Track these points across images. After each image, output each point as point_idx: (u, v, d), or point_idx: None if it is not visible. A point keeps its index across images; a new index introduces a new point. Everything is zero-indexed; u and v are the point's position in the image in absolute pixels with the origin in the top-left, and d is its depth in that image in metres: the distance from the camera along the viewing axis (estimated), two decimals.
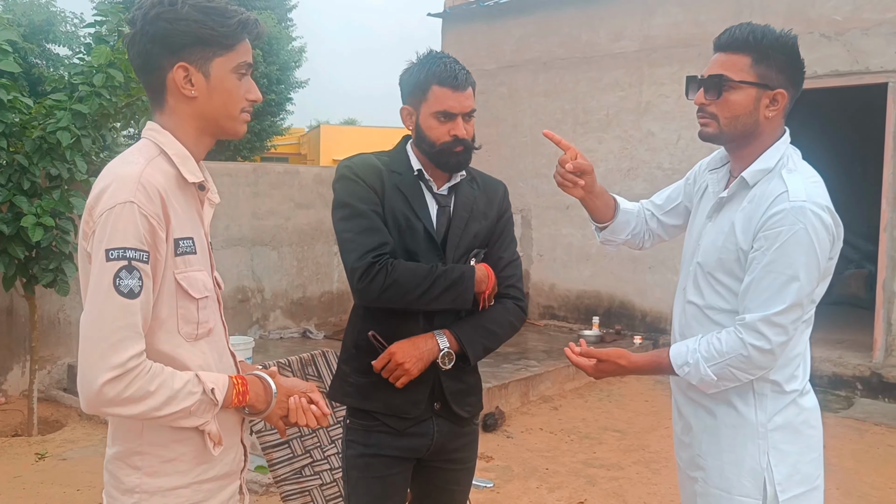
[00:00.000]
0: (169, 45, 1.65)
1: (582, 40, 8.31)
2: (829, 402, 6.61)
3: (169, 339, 1.64)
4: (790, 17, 6.95)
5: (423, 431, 2.30)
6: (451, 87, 2.21)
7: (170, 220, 1.61)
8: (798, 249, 1.88)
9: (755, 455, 2.01)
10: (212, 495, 1.73)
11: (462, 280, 2.19)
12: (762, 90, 1.98)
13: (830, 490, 4.68)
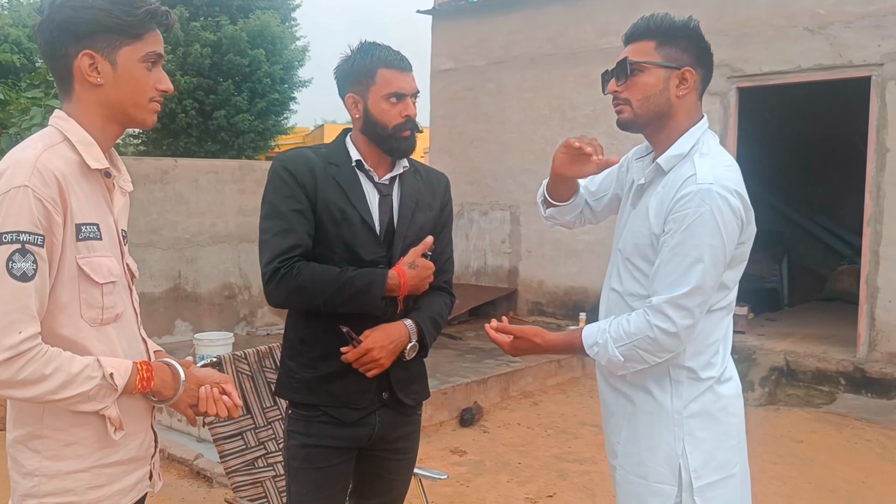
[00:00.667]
0: (74, 32, 1.66)
1: (569, 36, 8.31)
2: (812, 397, 6.60)
3: (71, 323, 1.65)
4: (773, 11, 6.95)
5: (365, 421, 2.31)
6: (399, 69, 2.23)
7: (68, 204, 1.62)
8: (703, 231, 1.88)
9: (671, 441, 2.01)
10: (114, 479, 1.74)
11: (370, 287, 2.17)
12: (670, 70, 2.02)
13: (802, 484, 4.69)
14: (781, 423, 5.94)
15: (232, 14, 16.80)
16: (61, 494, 1.67)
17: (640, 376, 2.05)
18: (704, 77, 2.08)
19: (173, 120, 15.76)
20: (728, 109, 7.28)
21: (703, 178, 1.91)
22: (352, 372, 2.22)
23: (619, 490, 2.15)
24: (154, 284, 7.24)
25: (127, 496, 1.78)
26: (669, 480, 2.01)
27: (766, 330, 8.00)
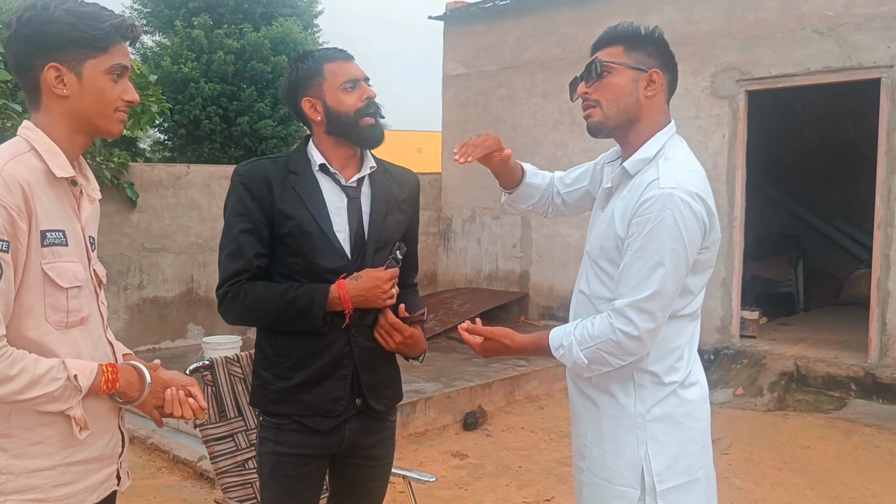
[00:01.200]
0: (41, 46, 1.72)
1: (578, 40, 8.27)
2: (822, 402, 6.53)
3: (37, 326, 1.70)
4: (783, 13, 6.90)
5: (337, 430, 2.30)
6: (343, 59, 2.25)
7: (33, 211, 1.67)
8: (665, 235, 1.89)
9: (634, 445, 2.02)
10: (80, 478, 1.78)
11: (311, 307, 2.16)
12: (639, 71, 2.03)
13: (805, 491, 4.65)
14: (789, 428, 5.88)
15: (255, 21, 16.95)
16: (27, 492, 1.71)
17: (604, 380, 2.06)
18: (671, 82, 2.10)
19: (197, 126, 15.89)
20: (737, 113, 7.22)
21: (666, 182, 1.93)
22: (325, 381, 2.24)
23: (586, 492, 2.15)
24: (167, 289, 7.36)
25: (93, 494, 1.82)
26: (632, 484, 2.02)
27: (777, 335, 7.93)
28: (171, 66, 15.46)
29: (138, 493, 4.46)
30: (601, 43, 2.12)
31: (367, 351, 2.28)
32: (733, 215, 7.40)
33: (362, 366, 2.28)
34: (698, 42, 7.42)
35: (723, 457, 5.24)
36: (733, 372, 6.91)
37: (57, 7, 1.71)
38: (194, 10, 16.51)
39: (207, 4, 16.60)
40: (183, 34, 15.86)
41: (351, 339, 2.26)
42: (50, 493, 1.73)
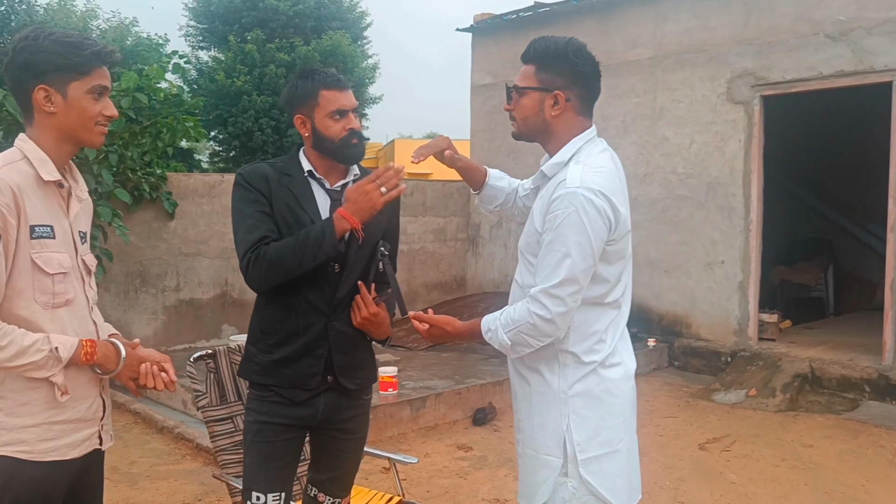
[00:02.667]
0: (32, 71, 2.01)
1: (599, 49, 8.31)
2: (834, 404, 6.56)
3: (26, 305, 1.99)
4: (796, 19, 6.98)
5: (311, 402, 2.54)
6: (338, 89, 2.46)
7: (22, 210, 1.95)
8: (570, 230, 2.09)
9: (557, 418, 2.22)
10: (63, 435, 2.06)
11: (324, 234, 2.36)
12: (544, 93, 2.25)
13: (798, 486, 4.75)
14: (796, 428, 5.94)
15: (306, 35, 17.42)
16: (17, 444, 2.00)
17: (534, 360, 2.27)
18: (581, 94, 2.29)
19: (250, 138, 16.41)
20: (752, 118, 7.31)
21: (572, 182, 2.13)
22: (303, 358, 2.49)
23: (520, 462, 2.37)
24: (203, 291, 7.78)
25: (74, 450, 2.09)
26: (556, 453, 2.22)
27: (799, 338, 7.94)
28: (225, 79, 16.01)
29: (163, 477, 4.82)
30: (523, 57, 2.35)
31: (341, 335, 2.52)
32: (749, 219, 7.47)
33: (336, 347, 2.52)
34: (714, 49, 7.54)
35: (722, 453, 5.36)
36: (748, 374, 6.99)
37: (46, 38, 2.01)
38: (247, 26, 17.12)
39: (260, 20, 17.20)
40: (236, 49, 16.44)
41: (328, 324, 2.50)
42: (35, 447, 2.02)
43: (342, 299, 2.51)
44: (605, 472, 2.23)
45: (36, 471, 2.03)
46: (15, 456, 2.00)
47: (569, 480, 2.21)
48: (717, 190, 7.64)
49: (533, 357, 2.27)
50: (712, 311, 7.77)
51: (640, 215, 8.28)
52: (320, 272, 2.46)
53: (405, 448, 5.37)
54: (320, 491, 2.71)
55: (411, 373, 6.55)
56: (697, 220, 7.84)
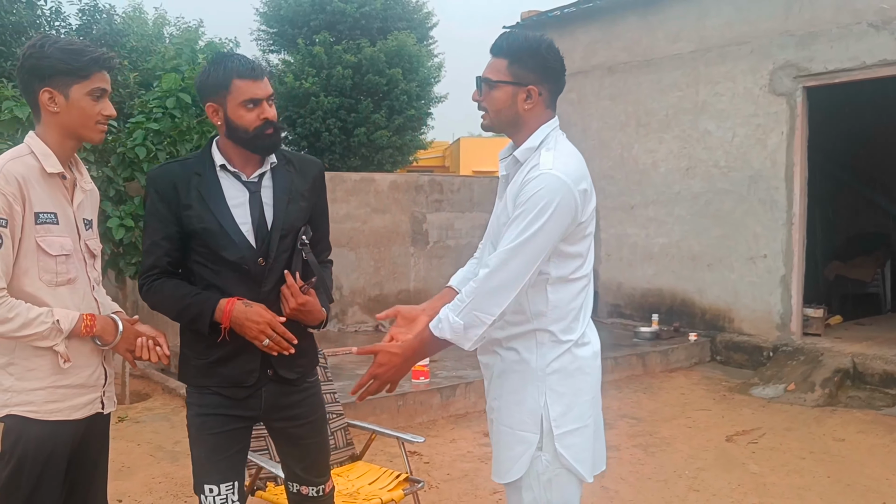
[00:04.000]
0: (38, 75, 2.25)
1: (643, 44, 8.48)
2: (874, 399, 6.45)
3: (31, 283, 2.24)
4: (838, 9, 6.87)
5: (253, 396, 2.49)
6: (251, 78, 2.38)
7: (26, 198, 2.19)
8: (539, 204, 2.16)
9: (535, 396, 2.29)
10: (66, 398, 2.30)
11: (200, 317, 2.37)
12: (517, 87, 2.30)
13: (821, 478, 4.74)
14: (831, 423, 5.88)
15: (372, 36, 17.54)
16: (26, 405, 2.26)
17: (510, 340, 2.34)
18: (551, 89, 2.36)
19: (318, 138, 16.74)
20: (795, 109, 7.21)
21: (545, 165, 2.21)
22: (239, 355, 2.44)
23: (494, 440, 2.43)
24: None
25: (77, 412, 2.33)
26: (532, 429, 2.29)
27: (846, 334, 7.79)
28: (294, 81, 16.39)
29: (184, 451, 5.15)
30: (492, 51, 2.38)
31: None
32: (792, 212, 7.37)
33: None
34: (756, 41, 7.47)
35: (748, 445, 5.36)
36: (788, 368, 6.91)
37: (50, 46, 2.25)
38: (315, 29, 17.45)
39: (328, 22, 17.52)
40: (305, 51, 16.81)
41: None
42: (41, 407, 2.27)
43: (269, 292, 2.45)
44: (576, 446, 2.30)
45: (42, 429, 2.27)
46: (24, 415, 2.25)
47: (543, 454, 2.29)
48: (760, 183, 7.56)
49: (509, 337, 2.33)
50: (754, 306, 7.69)
51: (682, 209, 8.27)
52: (243, 268, 2.43)
53: (433, 433, 5.56)
54: (301, 484, 2.70)
55: (446, 363, 6.74)
56: (740, 213, 7.77)
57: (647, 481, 4.67)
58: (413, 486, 3.58)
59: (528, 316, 2.31)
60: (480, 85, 2.38)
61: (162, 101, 6.19)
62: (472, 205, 9.92)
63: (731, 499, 4.41)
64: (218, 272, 2.43)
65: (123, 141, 6.18)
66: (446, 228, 9.67)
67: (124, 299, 6.44)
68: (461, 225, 9.79)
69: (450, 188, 9.76)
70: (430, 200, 9.58)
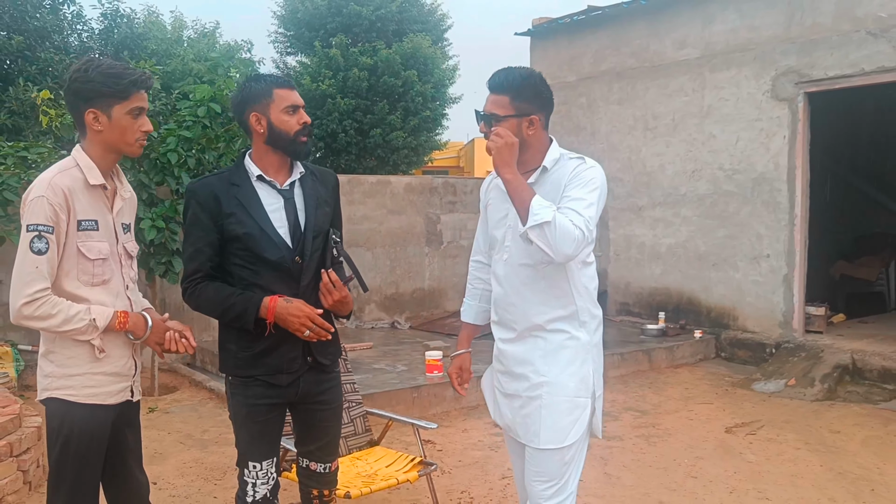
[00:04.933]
0: (83, 97, 2.47)
1: (650, 50, 8.76)
2: (872, 394, 6.69)
3: (71, 283, 2.48)
4: (838, 17, 7.12)
5: (294, 382, 2.77)
6: (289, 87, 2.71)
7: (71, 208, 2.43)
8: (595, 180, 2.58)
9: (586, 366, 2.71)
10: (101, 385, 2.54)
11: (245, 314, 2.63)
12: (521, 118, 2.64)
13: (814, 467, 5.01)
14: (828, 416, 6.13)
15: (388, 38, 17.62)
16: (66, 389, 2.50)
17: (553, 322, 2.69)
18: (547, 114, 2.72)
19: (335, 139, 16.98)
20: (796, 114, 7.47)
21: (590, 161, 2.66)
22: (282, 345, 2.70)
23: (543, 413, 2.69)
24: None
25: (111, 398, 2.57)
26: (584, 394, 2.71)
27: (848, 332, 8.03)
28: (311, 83, 16.60)
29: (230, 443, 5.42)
30: (494, 88, 2.68)
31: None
32: (794, 213, 7.63)
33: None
34: (759, 48, 7.74)
35: (746, 437, 5.63)
36: (789, 364, 7.18)
37: (94, 70, 2.46)
38: (332, 31, 17.65)
39: (344, 25, 17.74)
40: (321, 54, 17.05)
41: None
42: (80, 391, 2.51)
43: (306, 287, 2.72)
44: (601, 408, 2.81)
45: (83, 411, 2.50)
46: (65, 398, 2.50)
47: (593, 416, 2.76)
48: (763, 185, 7.82)
49: (552, 319, 2.69)
50: (758, 304, 7.96)
51: (689, 210, 8.55)
52: (284, 267, 2.68)
53: (446, 424, 5.88)
54: (311, 460, 2.96)
55: None
56: (744, 214, 8.03)
57: (648, 469, 4.96)
58: (427, 469, 3.90)
59: (573, 297, 2.70)
60: (488, 120, 2.68)
61: (193, 110, 6.57)
62: None
63: (726, 485, 4.68)
64: (258, 272, 2.67)
65: (156, 147, 6.55)
66: (459, 229, 10.00)
67: (153, 297, 6.80)
68: (474, 225, 9.92)
69: (463, 190, 10.08)
70: (443, 202, 9.91)
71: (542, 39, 10.16)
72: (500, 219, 2.85)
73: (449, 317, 9.46)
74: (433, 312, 9.62)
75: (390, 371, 6.72)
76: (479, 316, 3.12)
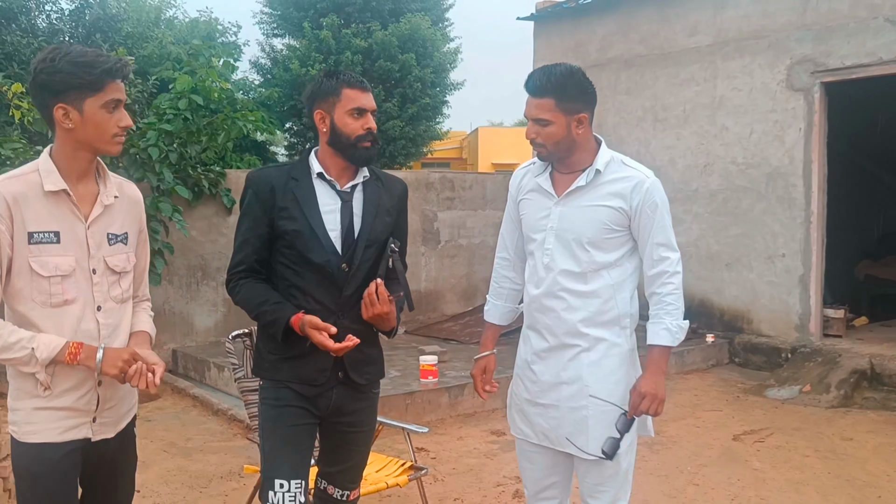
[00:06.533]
0: (50, 91, 2.31)
1: (660, 37, 9.08)
2: (891, 400, 6.98)
3: (24, 303, 2.35)
4: (855, 4, 7.43)
5: (324, 395, 2.85)
6: (360, 89, 2.77)
7: (15, 218, 2.30)
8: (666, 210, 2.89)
9: (630, 373, 2.93)
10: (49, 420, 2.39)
11: (273, 324, 2.75)
12: (569, 118, 2.83)
13: (820, 474, 5.31)
14: (842, 423, 6.43)
15: (384, 18, 17.58)
16: (12, 424, 2.43)
17: (597, 328, 2.88)
18: (593, 110, 2.91)
19: None
20: (813, 105, 7.78)
21: (649, 174, 2.91)
22: (313, 354, 2.76)
23: (593, 422, 2.88)
24: None
25: (59, 435, 2.40)
26: (625, 401, 2.88)
27: (869, 335, 8.34)
28: (300, 68, 16.64)
29: (214, 451, 5.82)
30: (536, 92, 2.83)
31: (350, 331, 2.73)
32: (810, 210, 7.95)
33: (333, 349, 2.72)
34: (773, 35, 8.06)
35: (754, 444, 5.93)
36: (804, 370, 7.50)
37: (61, 59, 2.30)
38: (322, 11, 17.56)
39: (335, 4, 17.64)
40: (311, 36, 17.06)
41: (338, 321, 2.75)
42: (21, 428, 2.41)
43: (349, 297, 2.78)
44: None
45: (27, 450, 2.40)
46: (12, 434, 2.44)
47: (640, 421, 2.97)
48: (778, 180, 8.14)
49: (596, 326, 2.89)
50: (773, 306, 8.27)
51: (700, 207, 8.88)
52: (328, 272, 2.76)
53: (441, 431, 6.21)
54: (329, 483, 3.04)
55: (456, 363, 7.38)
56: (758, 211, 8.35)
57: (649, 476, 5.25)
58: (417, 473, 4.20)
59: (615, 301, 2.89)
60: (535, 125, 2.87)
61: (174, 102, 6.93)
62: (484, 203, 10.57)
63: (728, 492, 4.97)
64: (301, 274, 2.78)
65: (135, 142, 6.90)
66: (458, 227, 10.32)
67: None
68: (474, 223, 10.43)
69: (462, 185, 10.41)
70: (441, 198, 10.23)
71: (545, 24, 10.49)
72: (541, 219, 3.00)
73: (447, 321, 9.78)
74: (430, 316, 9.92)
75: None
76: (504, 317, 3.26)
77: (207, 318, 8.53)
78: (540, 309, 2.98)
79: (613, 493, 2.98)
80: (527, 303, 3.07)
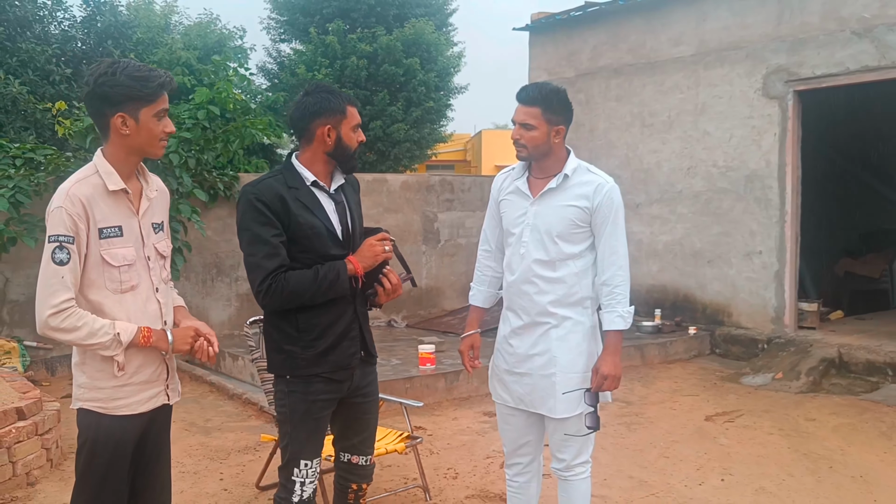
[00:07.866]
0: (110, 101, 2.59)
1: (647, 46, 9.67)
2: (856, 386, 7.55)
3: (97, 291, 2.65)
4: (825, 17, 8.02)
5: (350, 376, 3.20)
6: (356, 107, 3.13)
7: (90, 216, 2.59)
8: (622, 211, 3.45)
9: (589, 345, 3.45)
10: (131, 395, 2.73)
11: (339, 277, 2.99)
12: (550, 127, 3.40)
13: (781, 449, 5.86)
14: (809, 406, 6.99)
15: (388, 24, 18.01)
16: (96, 401, 2.71)
17: (564, 308, 3.43)
18: (569, 125, 3.47)
19: None
20: (786, 112, 8.36)
21: (608, 179, 3.43)
22: (342, 342, 3.11)
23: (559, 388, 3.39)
24: None
25: (143, 406, 2.77)
26: (587, 370, 3.42)
27: (842, 327, 8.91)
28: (306, 73, 16.77)
29: (231, 430, 6.39)
30: (526, 101, 3.37)
31: (363, 315, 3.21)
32: (784, 210, 8.54)
33: (363, 326, 3.21)
34: (751, 45, 8.67)
35: (724, 424, 6.47)
36: (778, 359, 8.09)
37: (121, 73, 2.59)
38: (328, 17, 17.81)
39: (341, 10, 17.88)
40: (317, 41, 17.29)
41: (357, 309, 3.16)
42: (108, 404, 2.71)
43: (363, 284, 3.13)
44: None
45: (111, 423, 2.70)
46: (95, 410, 2.71)
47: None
48: (755, 182, 8.72)
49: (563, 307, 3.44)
50: (751, 300, 8.85)
51: (684, 207, 9.51)
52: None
53: (437, 413, 6.79)
54: (353, 454, 3.34)
55: (453, 353, 7.89)
56: (737, 211, 8.92)
57: (625, 450, 5.82)
58: (413, 441, 4.76)
59: (580, 286, 3.40)
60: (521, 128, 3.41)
61: (193, 112, 7.62)
62: (482, 204, 11.12)
63: (695, 464, 5.54)
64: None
65: None
66: (457, 227, 10.95)
67: None
68: (472, 223, 11.02)
69: (461, 187, 11.03)
70: (441, 200, 10.85)
71: (540, 34, 11.08)
72: (518, 216, 3.51)
73: (446, 315, 10.37)
74: (430, 311, 10.54)
75: (384, 364, 7.58)
76: (487, 300, 3.75)
77: (222, 312, 9.18)
78: (516, 293, 3.50)
79: (577, 448, 3.53)
80: (505, 288, 3.60)
